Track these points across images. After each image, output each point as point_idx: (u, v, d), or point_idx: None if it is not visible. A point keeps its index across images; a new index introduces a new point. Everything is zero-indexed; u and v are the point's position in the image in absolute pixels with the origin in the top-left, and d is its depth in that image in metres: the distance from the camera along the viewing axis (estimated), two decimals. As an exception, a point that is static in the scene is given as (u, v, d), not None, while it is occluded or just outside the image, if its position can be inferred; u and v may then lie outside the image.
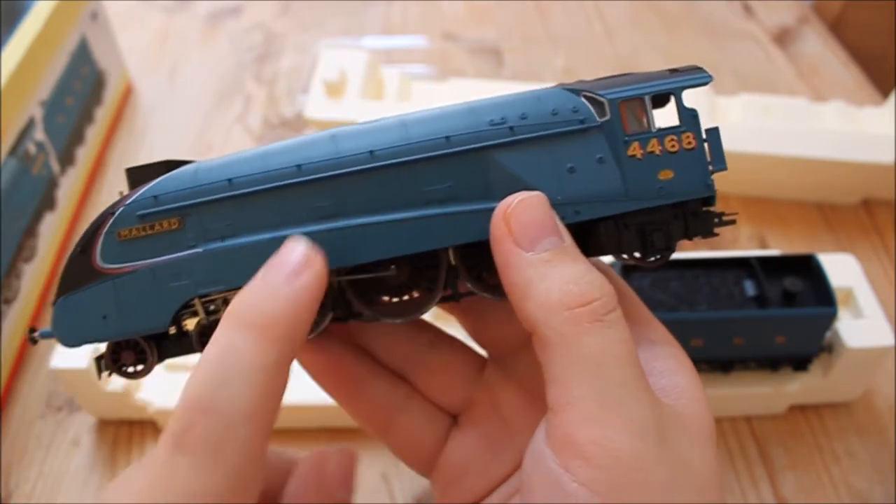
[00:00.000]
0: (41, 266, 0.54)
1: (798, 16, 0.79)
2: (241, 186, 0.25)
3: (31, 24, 0.54)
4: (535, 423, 0.29)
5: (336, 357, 0.30)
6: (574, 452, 0.22)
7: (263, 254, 0.24)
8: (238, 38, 0.77)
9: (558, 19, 0.78)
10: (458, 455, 0.31)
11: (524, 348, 0.30)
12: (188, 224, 0.25)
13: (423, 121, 0.26)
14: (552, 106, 0.26)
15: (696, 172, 0.26)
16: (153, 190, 0.25)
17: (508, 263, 0.24)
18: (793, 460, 0.45)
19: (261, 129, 0.66)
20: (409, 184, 0.25)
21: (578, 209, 0.25)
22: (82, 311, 0.25)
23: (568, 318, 0.23)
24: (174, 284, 0.25)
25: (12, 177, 0.50)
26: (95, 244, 0.25)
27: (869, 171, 0.57)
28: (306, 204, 0.25)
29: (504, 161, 0.25)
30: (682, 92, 0.26)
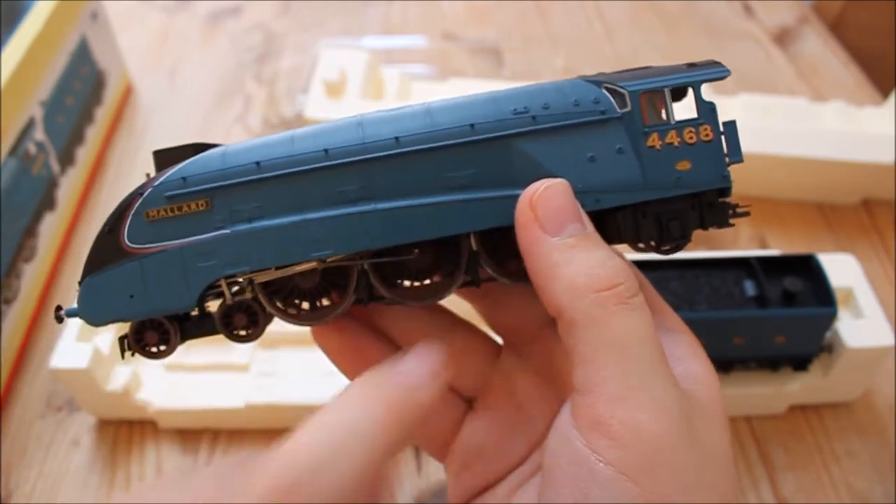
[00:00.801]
0: (41, 266, 0.54)
1: (798, 16, 0.79)
2: (268, 169, 0.25)
3: (31, 24, 0.54)
4: (550, 408, 0.29)
5: (356, 340, 0.30)
6: (601, 432, 0.23)
7: (288, 234, 0.25)
8: (238, 38, 0.77)
9: (558, 19, 0.78)
10: (473, 439, 0.31)
11: (539, 335, 0.30)
12: (216, 206, 0.26)
13: (448, 108, 0.26)
14: (574, 97, 0.26)
15: (713, 164, 0.26)
16: (181, 172, 0.26)
17: (534, 248, 0.24)
18: (793, 460, 0.45)
19: (261, 129, 0.66)
20: (434, 170, 0.25)
21: (599, 198, 0.26)
22: (109, 291, 0.26)
23: (595, 301, 0.23)
24: (201, 265, 0.25)
25: (12, 177, 0.50)
26: (123, 224, 0.26)
27: (869, 171, 0.57)
28: (333, 188, 0.25)
29: (526, 149, 0.26)
30: (701, 85, 0.26)
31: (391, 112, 0.26)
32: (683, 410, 0.23)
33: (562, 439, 0.24)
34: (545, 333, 0.30)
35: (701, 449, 0.23)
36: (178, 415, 0.45)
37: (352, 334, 0.31)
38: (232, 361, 0.46)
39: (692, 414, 0.24)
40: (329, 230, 0.25)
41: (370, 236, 0.25)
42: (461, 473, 0.31)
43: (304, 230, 0.25)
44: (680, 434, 0.23)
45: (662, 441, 0.23)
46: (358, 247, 0.26)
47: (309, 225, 0.25)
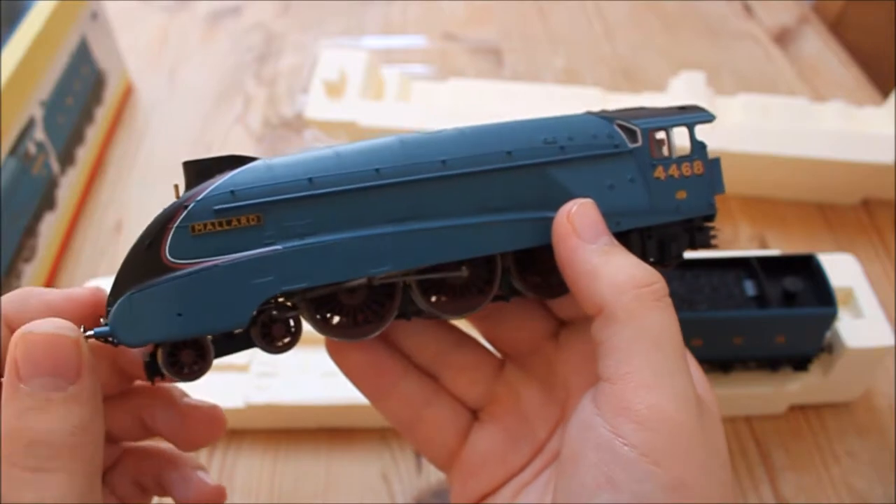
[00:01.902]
0: (41, 266, 0.54)
1: (798, 16, 0.79)
2: (321, 186, 0.26)
3: (31, 24, 0.54)
4: (553, 416, 0.32)
5: (374, 358, 0.32)
6: (628, 417, 0.24)
7: (346, 251, 0.26)
8: (238, 38, 0.77)
9: (558, 19, 0.78)
10: (479, 448, 0.32)
11: (538, 350, 0.32)
12: (268, 221, 0.25)
13: (483, 134, 0.28)
14: (592, 131, 0.29)
15: (703, 194, 0.30)
16: (229, 185, 0.25)
17: (575, 255, 0.27)
18: (793, 460, 0.45)
19: (261, 129, 0.66)
20: (476, 192, 0.27)
21: (619, 220, 0.29)
22: (153, 309, 0.24)
23: (636, 296, 0.26)
24: (257, 281, 0.25)
25: (12, 177, 0.50)
26: (165, 238, 0.24)
27: (869, 171, 0.56)
28: (383, 206, 0.26)
29: (557, 176, 0.28)
30: (695, 126, 0.30)
31: (430, 135, 0.27)
32: (698, 406, 0.25)
33: (584, 427, 0.26)
34: (544, 346, 0.32)
35: (709, 441, 0.25)
36: (178, 415, 0.45)
37: (370, 351, 0.32)
38: (232, 361, 0.46)
39: (705, 415, 0.26)
40: (382, 248, 0.26)
41: (421, 254, 0.27)
42: (467, 481, 0.32)
43: (359, 248, 0.26)
44: (696, 425, 0.25)
45: (683, 428, 0.24)
46: (412, 263, 0.27)
47: (363, 243, 0.26)
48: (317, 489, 0.44)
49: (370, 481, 0.44)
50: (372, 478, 0.44)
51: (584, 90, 0.62)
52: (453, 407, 0.33)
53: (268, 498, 0.43)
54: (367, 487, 0.44)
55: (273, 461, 0.45)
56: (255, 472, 0.45)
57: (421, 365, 0.33)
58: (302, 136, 0.60)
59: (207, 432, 0.31)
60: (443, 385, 0.33)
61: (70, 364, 0.23)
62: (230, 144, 0.65)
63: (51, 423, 0.22)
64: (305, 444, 0.46)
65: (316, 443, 0.46)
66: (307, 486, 0.44)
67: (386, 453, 0.45)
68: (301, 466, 0.45)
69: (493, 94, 0.62)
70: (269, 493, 0.44)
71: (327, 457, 0.45)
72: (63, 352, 0.23)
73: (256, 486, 0.44)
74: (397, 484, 0.44)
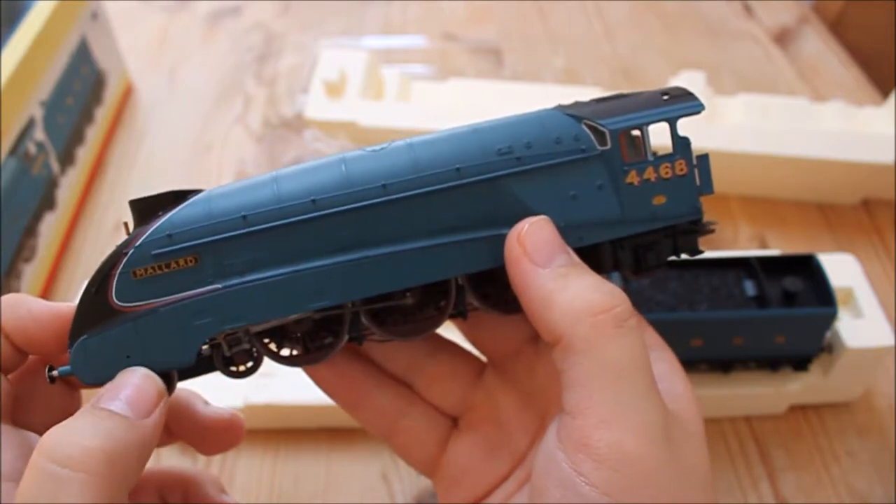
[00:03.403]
0: (41, 266, 0.54)
1: (798, 16, 0.79)
2: (256, 223, 0.25)
3: (31, 24, 0.54)
4: (532, 425, 0.31)
5: (343, 369, 0.32)
6: (587, 454, 0.23)
7: (284, 287, 0.25)
8: (238, 38, 0.77)
9: (558, 19, 0.78)
10: (458, 457, 0.32)
11: (520, 354, 0.31)
12: (205, 261, 0.25)
13: (432, 148, 0.26)
14: (556, 133, 0.27)
15: (686, 196, 0.27)
16: (165, 227, 0.25)
17: (527, 281, 0.25)
18: (793, 460, 0.45)
19: (261, 129, 0.66)
20: (422, 214, 0.26)
21: (581, 235, 0.27)
22: (104, 352, 0.25)
23: (593, 325, 0.24)
24: (197, 322, 0.25)
25: (12, 177, 0.50)
26: (111, 284, 0.25)
27: (869, 171, 0.56)
28: (323, 237, 0.26)
29: (512, 189, 0.26)
30: (678, 121, 0.27)
31: (373, 152, 0.26)
32: (666, 432, 0.24)
33: (548, 461, 0.25)
34: (526, 350, 0.31)
35: (682, 466, 0.24)
36: (178, 415, 0.45)
37: (339, 364, 0.31)
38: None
39: (675, 433, 0.25)
40: (324, 281, 0.26)
41: (365, 285, 0.26)
42: (450, 489, 0.32)
43: (300, 283, 0.25)
44: (663, 456, 0.24)
45: (646, 464, 0.23)
46: (354, 296, 0.26)
47: (304, 277, 0.25)
48: (317, 489, 0.44)
49: (370, 481, 0.44)
50: (372, 478, 0.44)
51: (584, 90, 0.62)
52: (430, 416, 0.33)
53: (268, 498, 0.43)
54: (367, 487, 0.44)
55: (273, 461, 0.45)
56: (255, 472, 0.45)
57: (395, 374, 0.33)
58: (302, 136, 0.60)
59: (228, 439, 0.31)
60: (418, 394, 0.33)
61: (148, 406, 0.24)
62: (230, 144, 0.65)
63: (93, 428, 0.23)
64: (305, 444, 0.46)
65: (316, 443, 0.46)
66: (307, 486, 0.44)
67: (386, 453, 0.45)
68: (301, 466, 0.45)
69: (493, 94, 0.62)
70: (269, 493, 0.44)
71: (327, 457, 0.45)
72: (148, 395, 0.25)
73: (256, 486, 0.44)
74: (397, 484, 0.44)
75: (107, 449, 0.22)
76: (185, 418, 0.31)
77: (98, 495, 0.22)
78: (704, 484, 0.25)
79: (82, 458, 0.22)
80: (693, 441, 0.26)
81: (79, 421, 0.23)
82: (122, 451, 0.23)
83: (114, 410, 0.24)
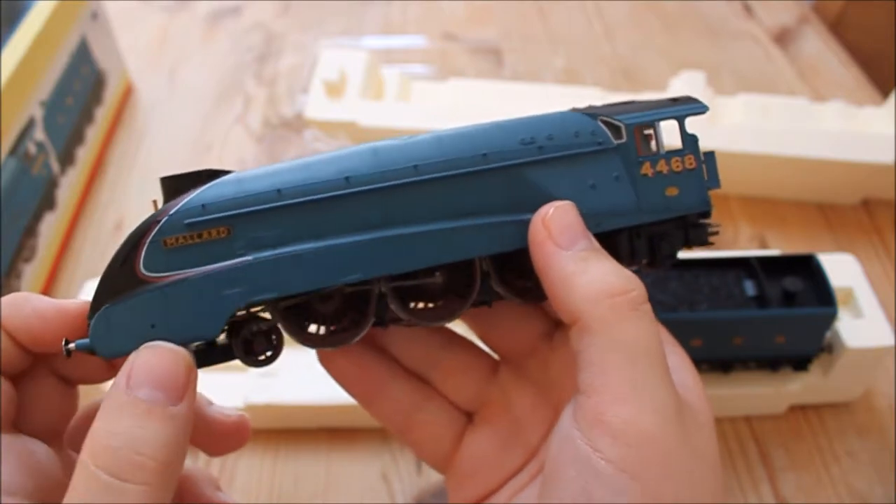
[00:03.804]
0: (41, 266, 0.54)
1: (798, 16, 0.79)
2: (290, 196, 0.26)
3: (31, 24, 0.54)
4: (545, 419, 0.31)
5: (361, 362, 0.32)
6: (603, 431, 0.24)
7: (315, 260, 0.26)
8: (238, 38, 0.77)
9: (558, 19, 0.78)
10: (472, 451, 0.32)
11: (534, 349, 0.32)
12: (237, 233, 0.25)
13: (458, 137, 0.27)
14: (574, 128, 0.28)
15: (696, 189, 0.29)
16: (200, 199, 0.25)
17: (550, 262, 0.26)
18: (793, 460, 0.45)
19: (261, 129, 0.66)
20: (450, 196, 0.27)
21: (599, 221, 0.28)
22: (127, 321, 0.25)
23: (610, 306, 0.25)
24: (227, 292, 0.25)
25: (12, 177, 0.50)
26: (139, 253, 0.25)
27: (869, 171, 0.57)
28: (354, 214, 0.26)
29: (534, 177, 0.27)
30: (685, 119, 0.29)
31: (403, 141, 0.27)
32: (679, 415, 0.25)
33: (564, 440, 0.25)
34: (540, 347, 0.32)
35: (693, 450, 0.25)
36: (178, 415, 0.45)
37: (357, 357, 0.32)
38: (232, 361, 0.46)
39: (687, 419, 0.25)
40: (354, 255, 0.26)
41: (395, 260, 0.26)
42: (463, 483, 0.32)
43: (330, 256, 0.26)
44: (677, 435, 0.24)
45: (661, 441, 0.24)
46: (384, 271, 0.26)
47: (335, 251, 0.26)
48: (317, 489, 0.44)
49: (370, 481, 0.44)
50: (372, 478, 0.44)
51: (584, 90, 0.62)
52: (446, 410, 0.33)
53: (268, 498, 0.43)
54: (367, 487, 0.44)
55: (273, 461, 0.45)
56: (255, 472, 0.45)
57: (411, 368, 0.33)
58: (302, 136, 0.60)
59: (234, 440, 0.31)
60: (434, 388, 0.33)
61: (180, 384, 0.24)
62: (230, 144, 0.65)
63: (146, 433, 0.23)
64: (305, 444, 0.46)
65: (316, 443, 0.46)
66: (307, 486, 0.44)
67: (386, 453, 0.45)
68: (301, 466, 0.45)
69: (493, 94, 0.62)
70: (269, 493, 0.44)
71: (327, 457, 0.45)
72: (177, 370, 0.24)
73: (256, 486, 0.44)
74: (397, 484, 0.44)
75: (160, 458, 0.22)
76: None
77: (157, 497, 0.22)
78: (713, 470, 0.26)
79: (141, 469, 0.22)
80: (704, 431, 0.26)
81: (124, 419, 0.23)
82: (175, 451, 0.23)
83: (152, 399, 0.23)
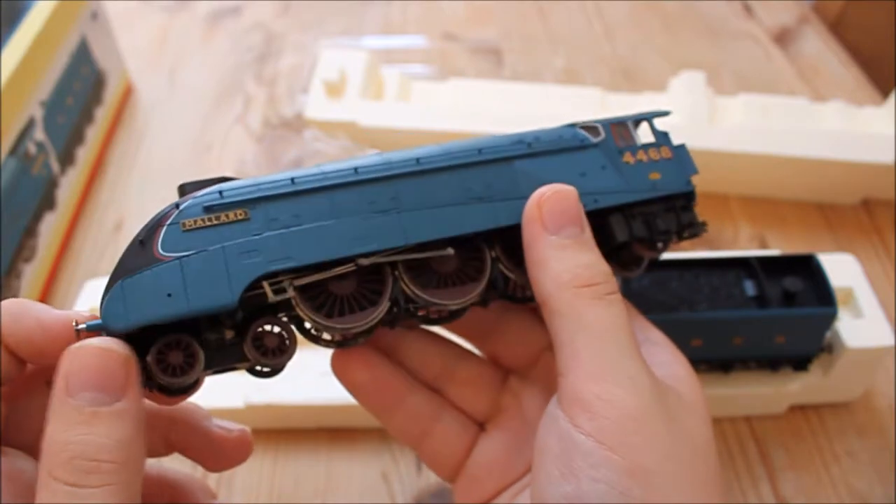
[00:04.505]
0: (41, 266, 0.54)
1: (798, 16, 0.79)
2: (303, 184, 0.27)
3: (31, 24, 0.54)
4: None
5: (379, 373, 0.32)
6: (581, 408, 0.25)
7: (332, 233, 0.27)
8: (238, 38, 0.77)
9: (558, 19, 0.78)
10: (485, 457, 0.33)
11: (539, 359, 0.33)
12: (254, 215, 0.27)
13: (457, 143, 0.30)
14: (558, 133, 0.31)
15: (677, 174, 0.32)
16: (217, 188, 0.27)
17: (534, 242, 0.28)
18: (793, 460, 0.45)
19: (261, 129, 0.66)
20: (452, 184, 0.29)
21: (597, 198, 0.30)
22: (142, 291, 0.25)
23: (574, 294, 0.26)
24: (245, 262, 0.26)
25: (12, 177, 0.50)
26: (157, 235, 0.25)
27: (869, 171, 0.56)
28: (364, 199, 0.28)
29: (527, 168, 0.30)
30: (654, 119, 0.33)
31: (408, 150, 0.29)
32: (657, 392, 0.26)
33: (549, 421, 0.26)
34: (544, 356, 0.33)
35: (679, 430, 0.25)
36: (178, 415, 0.45)
37: (374, 369, 0.32)
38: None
39: (670, 400, 0.26)
40: (368, 228, 0.28)
41: (406, 233, 0.28)
42: (471, 487, 0.33)
43: (345, 229, 0.27)
44: (654, 409, 0.25)
45: (636, 413, 0.25)
46: (398, 242, 0.28)
47: (348, 225, 0.27)
48: (317, 489, 0.44)
49: (370, 481, 0.44)
50: (372, 478, 0.44)
51: (584, 90, 0.62)
52: (460, 420, 0.33)
53: (268, 498, 0.44)
54: (367, 487, 0.44)
55: (273, 461, 0.45)
56: (255, 472, 0.45)
57: (426, 381, 0.33)
58: (302, 136, 0.60)
59: (235, 456, 0.31)
60: (448, 399, 0.34)
61: (118, 380, 0.23)
62: (230, 144, 0.65)
63: (96, 438, 0.22)
64: (305, 444, 0.46)
65: (316, 443, 0.46)
66: (307, 486, 0.44)
67: (386, 453, 0.45)
68: (301, 466, 0.45)
69: (493, 94, 0.62)
70: (269, 493, 0.44)
71: (327, 457, 0.45)
72: (111, 367, 0.23)
73: (256, 486, 0.44)
74: (397, 484, 0.44)
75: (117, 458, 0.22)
76: (191, 433, 0.30)
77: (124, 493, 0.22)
78: (706, 455, 0.26)
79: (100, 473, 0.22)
80: (694, 418, 0.27)
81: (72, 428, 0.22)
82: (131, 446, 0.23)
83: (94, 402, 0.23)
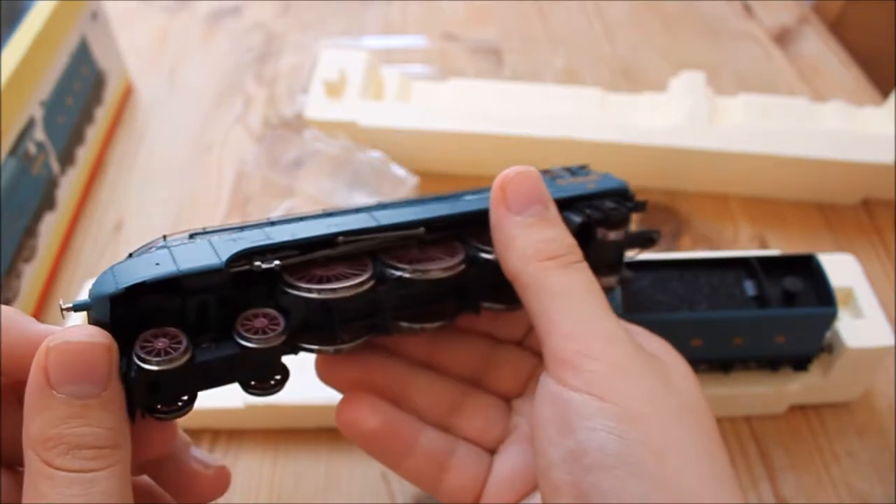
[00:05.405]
0: (41, 266, 0.54)
1: (798, 16, 0.79)
2: (278, 221, 0.29)
3: (31, 24, 0.54)
4: None
5: (388, 417, 0.32)
6: (565, 367, 0.26)
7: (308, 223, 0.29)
8: (238, 38, 0.77)
9: (558, 19, 0.78)
10: (499, 477, 0.33)
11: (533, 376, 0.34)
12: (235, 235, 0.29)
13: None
14: None
15: (610, 180, 0.34)
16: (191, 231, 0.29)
17: (498, 224, 0.29)
18: (793, 460, 0.45)
19: (261, 129, 0.66)
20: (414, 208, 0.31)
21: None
22: (133, 266, 0.26)
23: (539, 267, 0.28)
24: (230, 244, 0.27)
25: (12, 177, 0.50)
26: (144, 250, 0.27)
27: (869, 171, 0.56)
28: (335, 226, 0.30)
29: (472, 195, 0.32)
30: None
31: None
32: (638, 347, 0.27)
33: (541, 390, 0.27)
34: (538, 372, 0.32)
35: (666, 385, 0.26)
36: (178, 415, 0.45)
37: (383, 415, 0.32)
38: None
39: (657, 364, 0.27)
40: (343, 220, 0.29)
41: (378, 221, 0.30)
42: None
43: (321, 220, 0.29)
44: (635, 359, 0.26)
45: (621, 362, 0.26)
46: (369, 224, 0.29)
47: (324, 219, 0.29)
48: (317, 489, 0.44)
49: (370, 481, 0.44)
50: (372, 478, 0.44)
51: (584, 90, 0.62)
52: (474, 450, 0.33)
53: (268, 498, 0.43)
54: (367, 487, 0.44)
55: (273, 461, 0.45)
56: (255, 472, 0.45)
57: (435, 419, 0.33)
58: (302, 136, 0.60)
59: (209, 493, 0.31)
60: (459, 433, 0.34)
61: (103, 370, 0.23)
62: (230, 144, 0.65)
63: (92, 428, 0.23)
64: (305, 444, 0.46)
65: (316, 443, 0.46)
66: (307, 486, 0.44)
67: (386, 453, 0.45)
68: (301, 466, 0.45)
69: (493, 94, 0.62)
70: (269, 493, 0.44)
71: (327, 457, 0.45)
72: (97, 358, 0.23)
73: (256, 486, 0.44)
74: (397, 484, 0.44)
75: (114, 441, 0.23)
76: (166, 462, 0.29)
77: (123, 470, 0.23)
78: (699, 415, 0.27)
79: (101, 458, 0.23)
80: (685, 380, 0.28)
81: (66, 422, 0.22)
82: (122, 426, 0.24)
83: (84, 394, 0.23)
